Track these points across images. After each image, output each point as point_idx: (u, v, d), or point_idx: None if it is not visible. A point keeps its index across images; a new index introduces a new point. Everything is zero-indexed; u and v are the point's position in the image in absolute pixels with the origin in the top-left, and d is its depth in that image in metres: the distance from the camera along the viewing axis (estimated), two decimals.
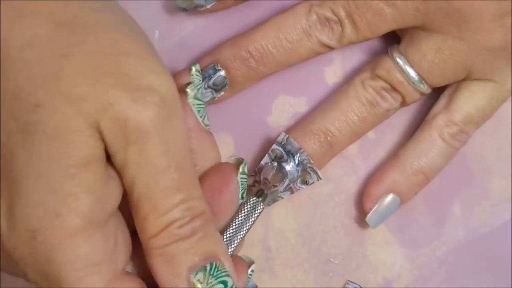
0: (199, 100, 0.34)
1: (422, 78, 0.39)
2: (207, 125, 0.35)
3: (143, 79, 0.30)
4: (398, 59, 0.39)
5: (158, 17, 0.42)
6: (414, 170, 0.40)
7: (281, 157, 0.39)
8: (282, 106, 0.42)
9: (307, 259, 0.42)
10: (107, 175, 0.30)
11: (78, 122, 0.29)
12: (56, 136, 0.29)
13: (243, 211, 0.34)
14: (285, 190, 0.40)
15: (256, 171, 0.40)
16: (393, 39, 0.41)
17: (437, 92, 0.41)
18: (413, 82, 0.39)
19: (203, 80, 0.40)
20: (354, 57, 0.42)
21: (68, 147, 0.29)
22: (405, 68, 0.39)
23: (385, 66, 0.39)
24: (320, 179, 0.40)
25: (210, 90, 0.40)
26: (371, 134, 0.42)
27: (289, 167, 0.39)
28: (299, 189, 0.40)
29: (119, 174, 0.30)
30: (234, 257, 0.34)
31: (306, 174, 0.39)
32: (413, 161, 0.40)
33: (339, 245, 0.42)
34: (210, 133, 0.35)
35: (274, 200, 0.40)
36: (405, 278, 0.42)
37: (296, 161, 0.39)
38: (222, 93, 0.40)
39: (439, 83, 0.40)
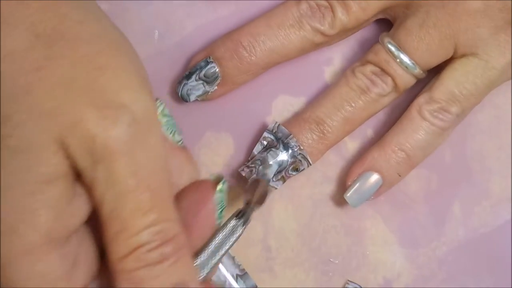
0: (167, 116, 0.33)
1: (411, 58, 0.39)
2: (179, 141, 0.34)
3: (116, 96, 0.29)
4: (388, 45, 0.39)
5: (158, 17, 0.42)
6: (392, 147, 0.40)
7: (272, 143, 0.39)
8: (282, 106, 0.42)
9: (307, 259, 0.42)
10: (73, 192, 0.29)
11: (44, 137, 0.28)
12: (20, 151, 0.28)
13: (221, 234, 0.33)
14: (277, 179, 0.40)
15: (249, 159, 0.40)
16: None
17: None
18: (406, 67, 0.39)
19: (194, 73, 0.40)
20: (354, 57, 0.42)
21: (31, 162, 0.28)
22: (392, 49, 0.39)
23: (373, 49, 0.40)
24: (310, 164, 0.40)
25: (201, 82, 0.40)
26: (370, 133, 0.42)
27: (281, 154, 0.39)
28: (290, 176, 0.40)
29: (88, 191, 0.30)
30: (205, 282, 0.33)
31: (297, 161, 0.39)
32: (392, 138, 0.40)
33: (339, 245, 0.42)
34: (184, 148, 0.34)
35: (268, 191, 0.40)
36: (405, 278, 0.42)
37: (287, 148, 0.39)
38: (215, 87, 0.40)
39: (428, 60, 0.40)
